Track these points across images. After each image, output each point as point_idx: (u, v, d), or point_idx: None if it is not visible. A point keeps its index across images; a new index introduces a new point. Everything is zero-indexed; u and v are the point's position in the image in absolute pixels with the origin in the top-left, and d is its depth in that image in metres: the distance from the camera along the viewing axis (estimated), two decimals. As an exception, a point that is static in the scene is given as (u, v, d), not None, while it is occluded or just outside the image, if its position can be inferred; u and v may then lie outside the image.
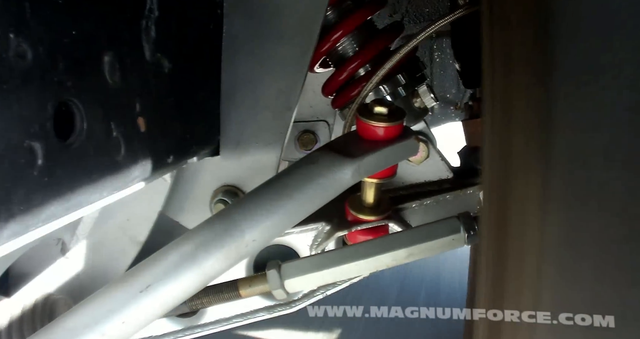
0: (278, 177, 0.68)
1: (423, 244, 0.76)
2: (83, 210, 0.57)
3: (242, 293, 0.79)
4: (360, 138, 0.74)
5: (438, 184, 0.98)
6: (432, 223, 0.78)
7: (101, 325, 0.62)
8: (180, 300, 0.65)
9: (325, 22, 0.93)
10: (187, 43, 0.74)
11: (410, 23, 1.36)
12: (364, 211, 0.88)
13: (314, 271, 0.77)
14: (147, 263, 0.65)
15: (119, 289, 0.64)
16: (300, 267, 0.78)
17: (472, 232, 0.75)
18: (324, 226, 0.95)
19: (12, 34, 0.44)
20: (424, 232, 0.77)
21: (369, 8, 0.91)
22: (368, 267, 0.76)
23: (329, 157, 0.68)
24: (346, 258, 0.77)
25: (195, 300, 0.79)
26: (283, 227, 0.67)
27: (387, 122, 0.72)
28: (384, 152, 0.71)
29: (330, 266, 0.76)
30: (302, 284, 0.78)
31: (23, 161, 0.47)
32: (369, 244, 0.78)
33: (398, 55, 0.86)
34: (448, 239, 0.76)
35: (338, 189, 0.69)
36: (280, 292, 0.77)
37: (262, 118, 0.85)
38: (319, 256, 0.79)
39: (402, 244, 0.76)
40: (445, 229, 0.76)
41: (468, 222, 0.76)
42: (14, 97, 0.45)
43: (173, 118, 0.73)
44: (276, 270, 0.77)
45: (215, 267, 0.64)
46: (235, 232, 0.64)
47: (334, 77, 0.94)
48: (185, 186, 0.94)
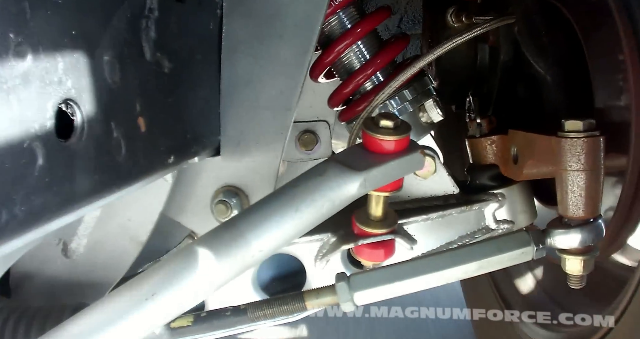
0: (285, 188, 0.69)
1: (493, 257, 0.77)
2: (84, 210, 0.57)
3: (308, 305, 0.77)
4: (366, 151, 0.74)
5: (444, 199, 0.98)
6: (502, 236, 0.81)
7: (106, 332, 0.62)
8: (186, 308, 0.65)
9: (330, 32, 0.93)
10: (187, 43, 0.74)
11: (409, 23, 1.35)
12: (370, 224, 0.88)
13: (384, 284, 0.76)
14: (153, 270, 0.65)
15: (124, 296, 0.64)
16: (370, 279, 0.77)
17: (540, 246, 0.77)
18: (329, 237, 0.95)
19: (12, 34, 0.44)
20: (494, 245, 0.78)
21: (374, 18, 0.92)
22: (438, 280, 0.77)
23: (335, 169, 0.69)
24: (417, 270, 0.77)
25: (258, 311, 0.78)
26: (289, 238, 0.67)
27: (393, 136, 0.72)
28: (390, 166, 0.71)
29: (401, 278, 0.76)
30: (371, 296, 0.77)
31: (23, 161, 0.47)
32: (440, 257, 0.78)
33: (412, 68, 0.86)
34: (517, 253, 0.77)
35: (344, 201, 0.69)
36: (349, 305, 0.76)
37: (262, 118, 0.85)
38: (389, 267, 0.79)
39: (474, 258, 0.77)
40: (515, 243, 0.78)
41: (537, 236, 0.78)
42: (14, 97, 0.45)
43: (173, 118, 0.73)
44: (345, 282, 0.76)
45: (220, 276, 0.64)
46: (242, 241, 0.64)
47: (340, 90, 0.95)
48: (186, 187, 0.94)
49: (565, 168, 0.78)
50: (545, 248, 0.78)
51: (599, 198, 0.79)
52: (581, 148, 0.77)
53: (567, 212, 0.80)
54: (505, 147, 0.97)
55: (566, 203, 0.80)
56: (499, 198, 0.96)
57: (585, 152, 0.77)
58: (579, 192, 0.78)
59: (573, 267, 0.82)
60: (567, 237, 0.79)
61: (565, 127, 0.78)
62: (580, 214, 0.79)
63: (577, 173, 0.77)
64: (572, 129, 0.78)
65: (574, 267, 0.82)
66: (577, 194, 0.78)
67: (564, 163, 0.78)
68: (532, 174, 0.90)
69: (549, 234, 0.79)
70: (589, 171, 0.77)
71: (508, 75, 1.04)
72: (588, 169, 0.77)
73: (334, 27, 0.92)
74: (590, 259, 0.81)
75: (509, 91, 1.06)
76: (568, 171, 0.78)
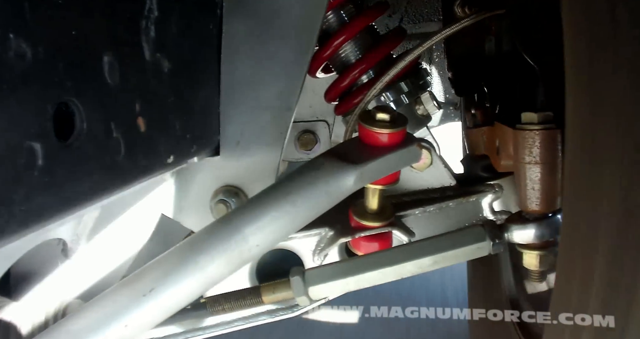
0: (281, 183, 0.69)
1: (448, 252, 0.76)
2: (83, 210, 0.57)
3: (265, 300, 0.78)
4: (362, 144, 0.74)
5: (441, 192, 0.98)
6: (457, 231, 0.79)
7: (104, 328, 0.62)
8: (183, 304, 0.65)
9: (328, 27, 0.93)
10: (187, 43, 0.74)
11: (409, 23, 1.36)
12: (367, 218, 0.88)
13: (338, 278, 0.76)
14: (150, 266, 0.65)
15: (122, 292, 0.64)
16: (324, 274, 0.77)
17: (497, 241, 0.76)
18: (327, 231, 0.95)
19: (12, 34, 0.44)
20: (449, 240, 0.77)
21: (371, 13, 0.91)
22: (392, 274, 0.77)
23: (332, 163, 0.69)
24: (371, 265, 0.77)
25: (217, 306, 0.78)
26: (286, 233, 0.67)
27: (390, 129, 0.72)
28: (386, 159, 0.71)
29: (355, 273, 0.76)
30: (326, 291, 0.77)
31: (23, 161, 0.47)
32: (394, 251, 0.78)
33: (403, 61, 0.86)
34: (473, 248, 0.77)
35: (341, 195, 0.69)
36: (304, 299, 0.76)
37: (262, 118, 0.85)
38: (343, 263, 0.79)
39: (428, 252, 0.76)
40: (470, 238, 0.77)
41: (493, 231, 0.77)
42: (14, 97, 0.45)
43: (173, 118, 0.73)
44: (300, 277, 0.77)
45: (218, 272, 0.64)
46: (238, 237, 0.64)
47: (336, 84, 0.95)
48: (186, 186, 0.94)
49: (519, 161, 0.77)
50: (502, 243, 0.77)
51: (556, 193, 0.77)
52: (533, 141, 0.75)
53: (524, 207, 0.79)
54: (492, 139, 0.97)
55: (523, 197, 0.79)
56: (495, 189, 0.96)
57: (539, 144, 0.75)
58: (533, 186, 0.77)
59: (530, 262, 0.81)
60: (524, 232, 0.78)
61: (522, 119, 0.77)
62: (536, 208, 0.78)
63: (531, 166, 0.76)
64: (527, 120, 0.77)
65: (530, 262, 0.81)
66: (531, 187, 0.77)
67: (519, 155, 0.77)
68: (508, 167, 0.89)
69: (506, 229, 0.79)
70: (543, 164, 0.75)
71: (506, 66, 1.04)
72: (542, 162, 0.75)
73: (332, 22, 0.92)
74: (548, 255, 0.80)
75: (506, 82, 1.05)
76: (522, 163, 0.76)
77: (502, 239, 0.76)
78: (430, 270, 0.77)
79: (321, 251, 0.94)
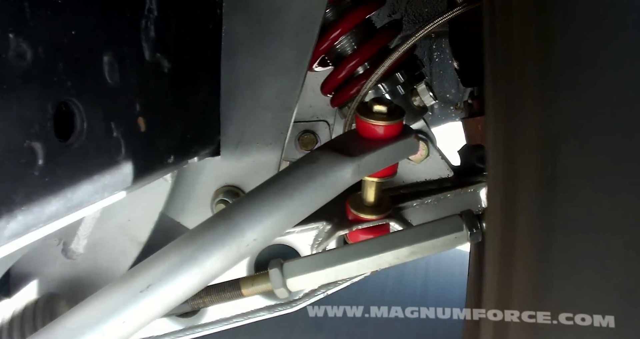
0: (278, 177, 0.68)
1: (426, 242, 0.76)
2: (84, 210, 0.57)
3: (244, 292, 0.78)
4: (360, 137, 0.73)
5: (438, 183, 0.98)
6: (435, 221, 0.78)
7: (102, 325, 0.62)
8: (181, 300, 0.65)
9: (324, 21, 0.93)
10: (187, 43, 0.74)
11: (409, 23, 1.36)
12: (364, 210, 0.88)
13: (316, 270, 0.77)
14: (147, 262, 0.65)
15: (119, 289, 0.64)
16: (302, 266, 0.77)
17: (474, 230, 0.75)
18: (324, 225, 0.95)
19: (12, 34, 0.44)
20: (427, 230, 0.77)
21: (368, 6, 0.91)
22: (370, 265, 0.76)
23: (329, 156, 0.68)
24: (348, 256, 0.77)
25: (197, 299, 0.78)
26: (284, 227, 0.67)
27: (387, 121, 0.72)
28: (384, 151, 0.70)
29: (333, 264, 0.76)
30: (304, 283, 0.78)
31: (24, 161, 0.47)
32: (372, 242, 0.78)
33: (397, 52, 0.86)
34: (451, 237, 0.76)
35: (338, 188, 0.68)
36: (283, 291, 0.77)
37: (262, 118, 0.85)
38: (321, 254, 0.79)
39: (405, 243, 0.76)
40: (447, 227, 0.76)
41: (470, 220, 0.76)
42: (14, 97, 0.45)
43: (173, 118, 0.73)
44: (278, 269, 0.77)
45: (215, 266, 0.64)
46: (236, 231, 0.64)
47: (332, 76, 0.94)
48: (186, 186, 0.94)
49: None
50: (481, 232, 0.75)
51: None
52: None
53: None
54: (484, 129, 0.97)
55: None
56: None
57: None
58: None
59: None
60: None
61: None
62: None
63: None
64: None
65: None
66: None
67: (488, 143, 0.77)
68: None
69: (483, 218, 0.77)
70: None
71: None
72: None
73: (329, 16, 0.92)
74: None
75: None
76: None
77: (479, 228, 0.75)
78: (408, 260, 0.77)
79: (319, 244, 0.94)
